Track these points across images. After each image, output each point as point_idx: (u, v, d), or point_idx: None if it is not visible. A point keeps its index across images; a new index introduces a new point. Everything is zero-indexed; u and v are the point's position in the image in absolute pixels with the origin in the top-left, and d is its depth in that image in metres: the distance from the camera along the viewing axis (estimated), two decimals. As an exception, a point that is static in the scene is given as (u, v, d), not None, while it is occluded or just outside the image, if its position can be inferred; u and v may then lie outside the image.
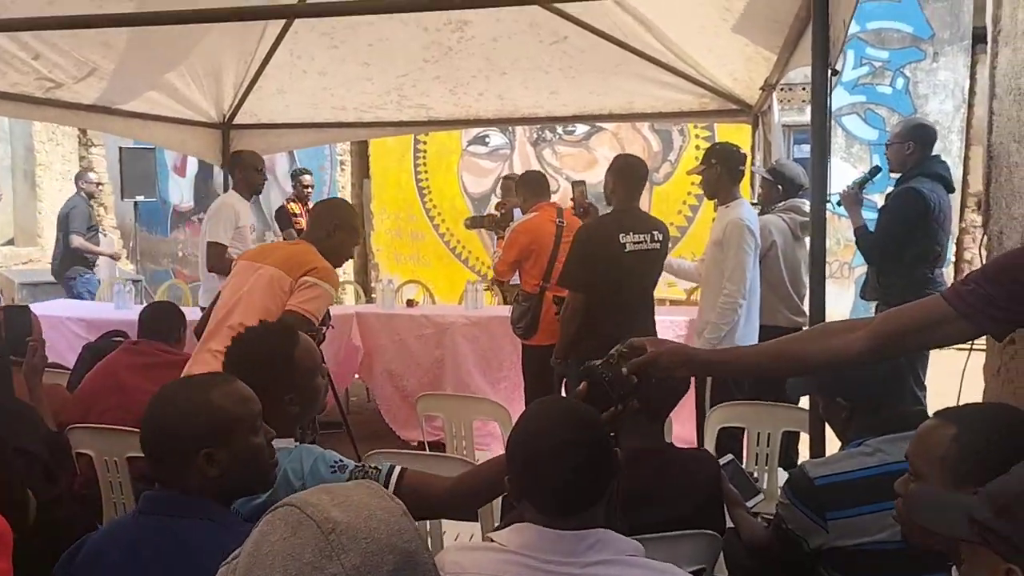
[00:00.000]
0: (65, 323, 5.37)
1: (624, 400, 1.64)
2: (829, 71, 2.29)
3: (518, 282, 4.94)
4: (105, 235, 8.56)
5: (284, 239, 7.09)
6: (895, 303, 4.17)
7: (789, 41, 3.27)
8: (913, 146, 4.14)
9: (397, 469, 1.84)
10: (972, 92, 8.97)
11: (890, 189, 4.41)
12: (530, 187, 4.93)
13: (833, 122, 4.38)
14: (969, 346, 3.64)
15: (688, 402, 3.72)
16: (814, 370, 1.90)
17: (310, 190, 7.78)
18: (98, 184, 7.88)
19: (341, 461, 1.88)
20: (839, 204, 4.16)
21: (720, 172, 3.92)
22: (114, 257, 8.18)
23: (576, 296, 3.86)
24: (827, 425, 2.18)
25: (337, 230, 3.17)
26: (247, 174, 5.11)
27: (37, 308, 4.53)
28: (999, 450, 1.31)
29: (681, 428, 3.80)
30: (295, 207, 7.62)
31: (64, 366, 3.89)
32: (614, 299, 3.81)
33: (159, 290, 7.74)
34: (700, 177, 4.14)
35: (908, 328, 1.55)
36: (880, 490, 1.77)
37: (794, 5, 2.89)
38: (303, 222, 7.20)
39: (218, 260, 4.70)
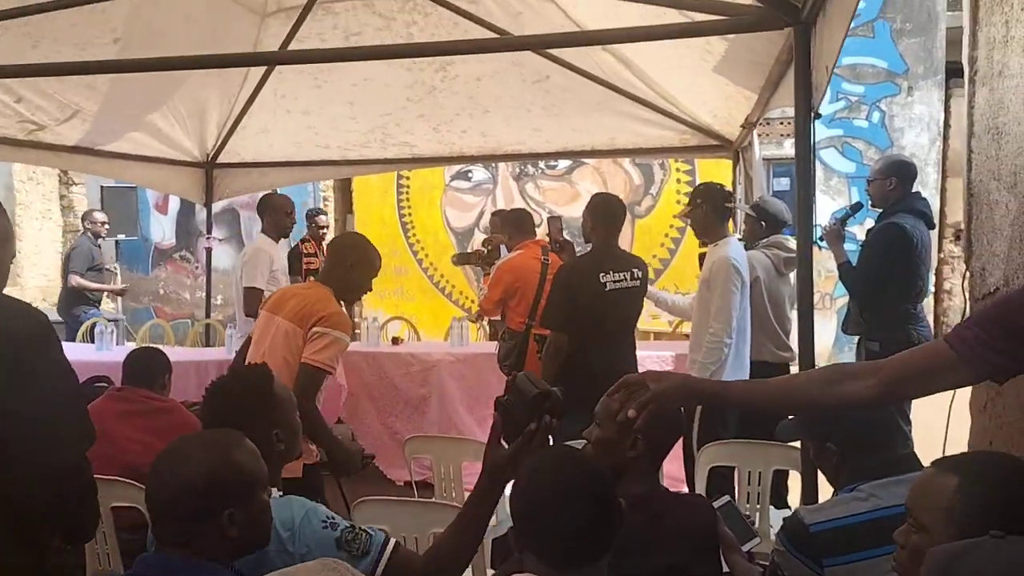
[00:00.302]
0: (46, 366, 5.29)
1: (534, 431, 1.65)
2: (812, 114, 2.33)
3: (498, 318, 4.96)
4: (113, 271, 8.42)
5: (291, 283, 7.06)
6: (877, 337, 4.22)
7: (770, 82, 3.33)
8: (895, 182, 4.20)
9: (391, 545, 1.82)
10: (947, 125, 9.12)
11: (870, 223, 4.47)
12: (515, 225, 4.96)
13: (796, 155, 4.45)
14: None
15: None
16: (822, 412, 1.89)
17: (325, 231, 7.71)
18: (104, 223, 7.80)
19: (333, 518, 1.85)
20: (821, 239, 4.20)
21: (706, 211, 3.93)
22: (120, 293, 8.09)
23: (558, 336, 3.87)
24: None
25: (355, 266, 3.20)
26: (276, 217, 5.13)
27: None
28: (1005, 501, 1.32)
29: (668, 465, 3.79)
30: (308, 247, 7.57)
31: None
32: (596, 338, 3.83)
33: (141, 330, 7.66)
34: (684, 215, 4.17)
35: (915, 374, 1.54)
36: (875, 536, 1.76)
37: (774, 48, 2.94)
38: (317, 262, 7.14)
39: (256, 305, 4.73)
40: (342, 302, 3.19)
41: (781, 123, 9.06)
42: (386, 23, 4.65)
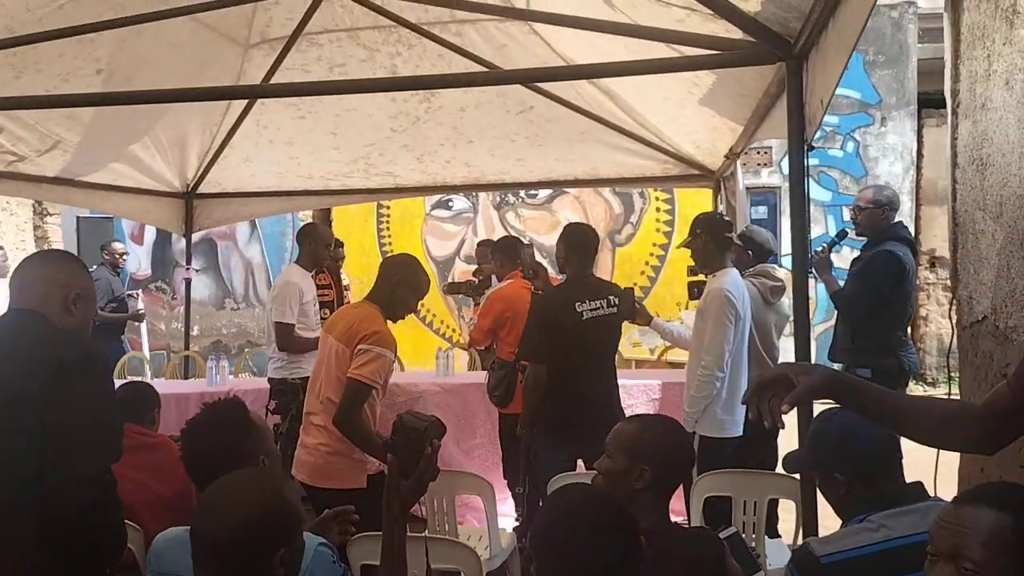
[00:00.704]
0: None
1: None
2: (805, 146, 2.36)
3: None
4: (136, 296, 8.20)
5: None
6: (869, 364, 4.22)
7: (757, 114, 3.37)
8: (887, 211, 4.27)
9: None
10: (920, 155, 9.30)
11: (853, 251, 4.52)
12: (506, 253, 4.97)
13: (786, 184, 4.49)
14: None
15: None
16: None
17: (340, 263, 7.52)
18: (123, 254, 7.65)
19: (335, 557, 1.88)
20: (811, 268, 4.22)
21: (706, 241, 3.89)
22: (136, 319, 7.87)
23: (538, 367, 3.85)
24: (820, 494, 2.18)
25: (399, 286, 3.34)
26: (316, 248, 5.00)
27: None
28: None
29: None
30: (322, 278, 7.40)
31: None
32: (575, 367, 3.82)
33: (118, 364, 7.55)
34: (663, 239, 4.18)
35: (998, 420, 1.54)
36: (887, 566, 1.76)
37: (764, 81, 2.98)
38: (332, 294, 7.01)
39: (287, 339, 4.71)
40: (389, 320, 3.33)
41: (758, 152, 9.19)
42: (370, 55, 4.66)
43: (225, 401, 2.25)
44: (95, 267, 7.53)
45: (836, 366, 4.57)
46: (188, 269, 6.90)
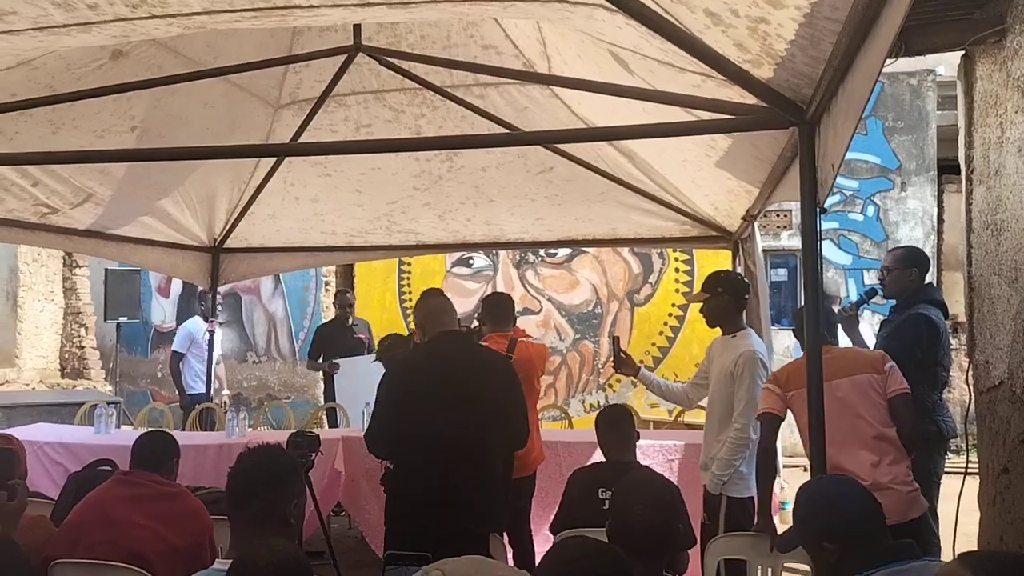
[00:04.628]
0: (43, 448, 5.24)
1: None
2: (818, 209, 2.40)
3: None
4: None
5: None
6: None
7: (772, 177, 3.41)
8: (915, 273, 4.22)
9: None
10: (940, 220, 9.30)
11: (874, 316, 4.51)
12: (489, 314, 4.63)
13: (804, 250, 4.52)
14: (964, 470, 3.65)
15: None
16: None
17: (350, 310, 7.54)
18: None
19: None
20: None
21: (727, 301, 3.88)
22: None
23: None
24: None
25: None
26: None
27: (12, 432, 4.44)
28: None
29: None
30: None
31: (46, 496, 3.78)
32: None
33: (139, 413, 7.61)
34: (682, 300, 4.19)
35: None
36: None
37: (778, 145, 3.03)
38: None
39: None
40: None
41: (778, 215, 9.24)
42: (395, 115, 4.79)
43: (272, 445, 2.48)
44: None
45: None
46: (212, 322, 6.99)
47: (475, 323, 4.74)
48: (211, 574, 2.09)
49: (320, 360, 7.17)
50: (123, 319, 9.25)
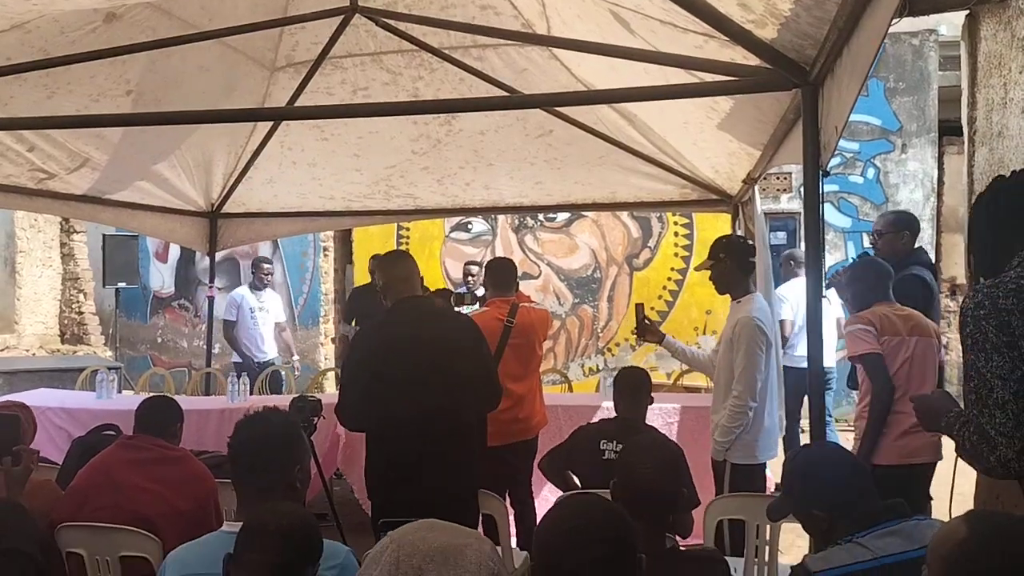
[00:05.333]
0: (45, 413, 5.26)
1: None
2: (820, 172, 2.39)
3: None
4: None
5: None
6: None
7: (774, 140, 3.39)
8: (907, 236, 4.32)
9: None
10: (941, 182, 9.27)
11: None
12: (492, 278, 4.59)
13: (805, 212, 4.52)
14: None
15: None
16: None
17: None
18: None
19: None
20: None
21: (730, 266, 3.86)
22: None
23: None
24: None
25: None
26: None
27: (14, 398, 4.45)
28: (997, 570, 1.36)
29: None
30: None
31: (52, 460, 3.81)
32: None
33: (140, 378, 7.63)
34: (681, 264, 4.19)
35: None
36: None
37: (781, 107, 3.01)
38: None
39: None
40: None
41: (778, 178, 9.20)
42: (393, 78, 4.74)
43: (283, 410, 2.53)
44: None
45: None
46: (211, 287, 6.98)
47: (480, 290, 4.73)
48: (220, 536, 2.10)
49: (353, 324, 7.20)
50: (122, 285, 9.26)
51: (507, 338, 4.32)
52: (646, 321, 4.31)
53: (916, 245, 4.37)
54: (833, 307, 5.72)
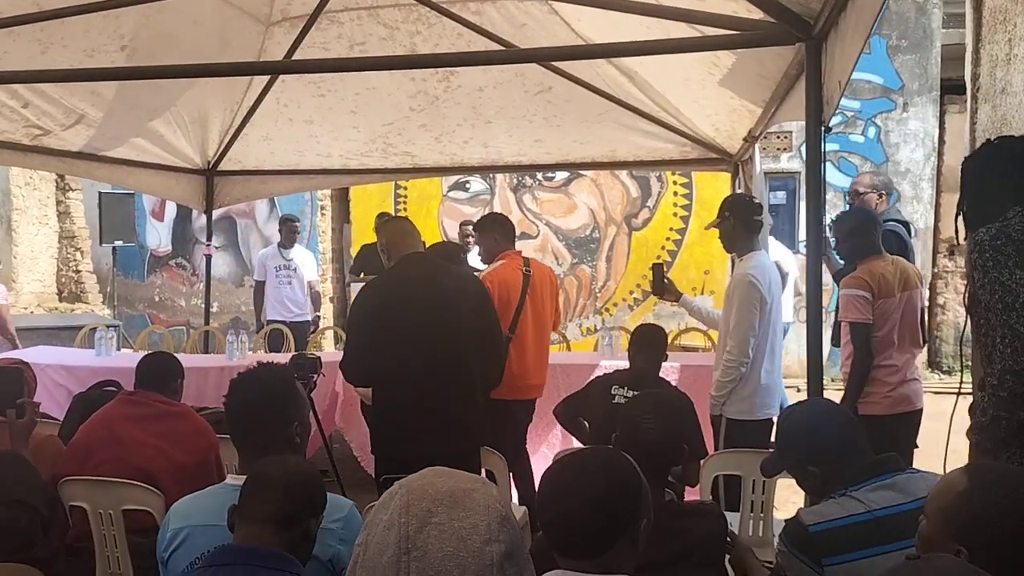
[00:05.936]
0: (45, 370, 5.28)
1: None
2: (822, 128, 2.37)
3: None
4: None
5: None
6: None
7: (776, 96, 3.36)
8: (884, 197, 4.69)
9: None
10: (942, 141, 9.22)
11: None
12: (502, 231, 4.67)
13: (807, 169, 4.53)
14: (957, 390, 3.71)
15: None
16: None
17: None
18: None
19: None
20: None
21: (735, 224, 3.86)
22: None
23: None
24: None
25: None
26: None
27: (14, 355, 4.47)
28: (998, 520, 1.37)
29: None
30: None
31: (52, 416, 3.83)
32: None
33: (138, 337, 7.65)
34: (680, 224, 4.20)
35: None
36: (871, 537, 1.84)
37: (783, 63, 2.98)
38: None
39: None
40: None
41: (778, 137, 9.15)
42: (390, 33, 4.67)
43: (276, 364, 2.47)
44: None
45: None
46: (208, 246, 6.97)
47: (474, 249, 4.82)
48: (224, 488, 2.12)
49: (362, 276, 7.17)
50: (118, 243, 9.22)
51: (527, 287, 4.43)
52: (664, 280, 4.33)
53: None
54: (791, 268, 5.78)
